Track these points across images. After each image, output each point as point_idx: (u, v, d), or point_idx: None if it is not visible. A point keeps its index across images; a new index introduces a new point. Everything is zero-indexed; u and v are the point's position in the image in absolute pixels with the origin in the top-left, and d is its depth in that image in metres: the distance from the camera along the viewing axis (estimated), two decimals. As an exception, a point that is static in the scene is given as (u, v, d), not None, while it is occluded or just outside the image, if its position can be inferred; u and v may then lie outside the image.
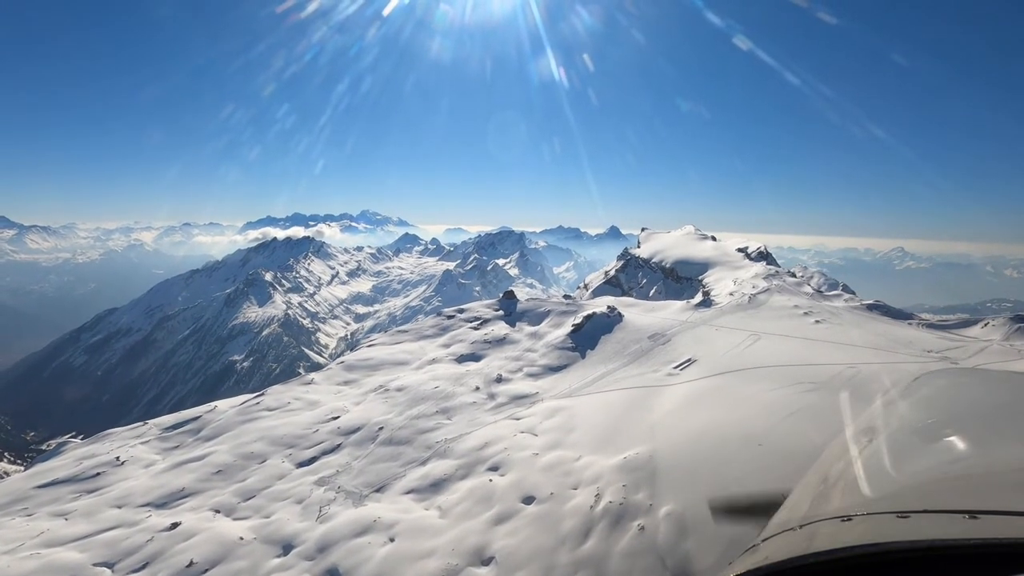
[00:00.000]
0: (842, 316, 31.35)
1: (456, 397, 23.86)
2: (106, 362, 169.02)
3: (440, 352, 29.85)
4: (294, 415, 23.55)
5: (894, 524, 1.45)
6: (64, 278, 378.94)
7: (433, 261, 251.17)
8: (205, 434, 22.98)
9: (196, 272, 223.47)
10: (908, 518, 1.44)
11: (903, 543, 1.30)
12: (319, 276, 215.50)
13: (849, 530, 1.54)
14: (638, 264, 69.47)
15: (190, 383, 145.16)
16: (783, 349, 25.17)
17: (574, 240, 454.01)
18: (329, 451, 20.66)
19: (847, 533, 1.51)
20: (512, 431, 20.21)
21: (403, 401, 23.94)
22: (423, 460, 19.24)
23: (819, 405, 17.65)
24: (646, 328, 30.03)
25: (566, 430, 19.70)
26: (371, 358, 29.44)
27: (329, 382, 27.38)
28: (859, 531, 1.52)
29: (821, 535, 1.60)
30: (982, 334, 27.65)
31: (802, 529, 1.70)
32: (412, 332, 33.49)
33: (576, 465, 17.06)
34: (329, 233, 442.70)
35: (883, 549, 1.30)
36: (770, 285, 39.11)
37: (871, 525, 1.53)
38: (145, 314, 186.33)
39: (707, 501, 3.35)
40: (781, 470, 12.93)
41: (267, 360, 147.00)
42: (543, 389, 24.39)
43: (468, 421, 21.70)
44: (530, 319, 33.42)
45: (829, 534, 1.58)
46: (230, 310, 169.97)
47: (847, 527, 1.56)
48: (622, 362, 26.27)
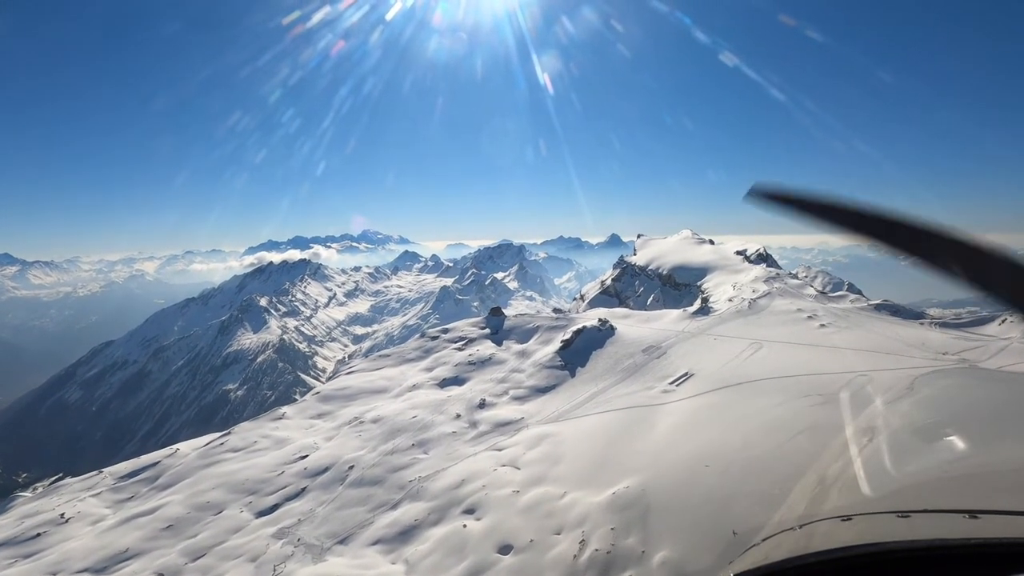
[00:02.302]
0: (849, 318, 29.48)
1: (435, 427, 22.02)
2: (101, 397, 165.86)
3: (422, 377, 28.03)
4: (259, 456, 21.71)
5: (894, 524, 1.46)
6: (65, 312, 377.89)
7: (432, 278, 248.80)
8: (162, 482, 21.13)
9: (192, 300, 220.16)
10: (908, 518, 1.45)
11: (903, 543, 1.32)
12: (316, 299, 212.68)
13: (849, 530, 1.55)
14: (634, 272, 67.77)
15: (184, 415, 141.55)
16: (787, 358, 23.31)
17: (575, 250, 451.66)
18: (293, 496, 18.79)
19: (847, 533, 1.52)
20: (492, 464, 18.35)
21: (378, 434, 22.10)
22: (394, 503, 17.38)
23: (830, 421, 15.72)
24: (640, 341, 28.20)
25: (551, 461, 17.84)
26: (348, 387, 27.63)
27: (302, 416, 25.56)
28: (859, 531, 1.52)
29: (821, 535, 1.61)
30: (1000, 331, 25.74)
31: (802, 529, 1.70)
32: (394, 356, 31.72)
33: (560, 504, 15.19)
34: (326, 255, 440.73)
35: (883, 549, 1.31)
36: (771, 288, 37.31)
37: (871, 525, 1.54)
38: (141, 346, 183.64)
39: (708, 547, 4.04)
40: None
41: (262, 388, 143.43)
42: (529, 414, 22.53)
43: (446, 455, 19.84)
44: (518, 336, 31.63)
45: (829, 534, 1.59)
46: (224, 338, 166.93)
47: (847, 527, 1.57)
48: (614, 379, 24.41)
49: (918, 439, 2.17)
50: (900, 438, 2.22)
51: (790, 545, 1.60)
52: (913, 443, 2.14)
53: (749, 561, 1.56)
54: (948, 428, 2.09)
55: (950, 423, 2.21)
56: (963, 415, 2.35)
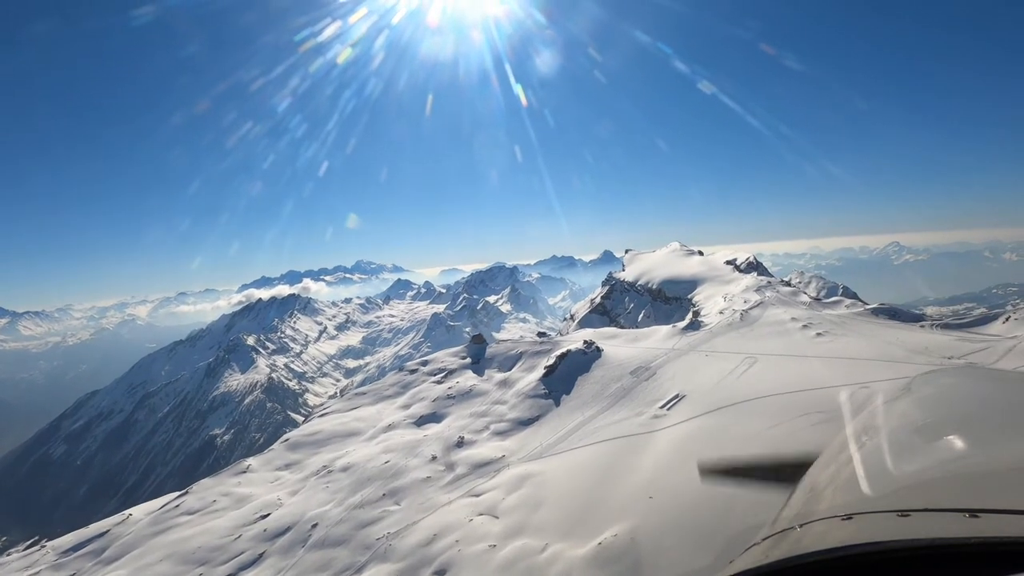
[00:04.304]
0: (845, 325, 28.09)
1: (408, 473, 20.19)
2: (86, 450, 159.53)
3: (398, 415, 26.21)
4: (216, 518, 19.74)
5: (895, 523, 1.46)
6: (54, 363, 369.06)
7: (424, 305, 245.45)
8: (109, 555, 19.08)
9: (179, 343, 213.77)
10: (908, 517, 1.45)
11: (904, 542, 1.31)
12: (306, 333, 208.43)
13: (849, 529, 1.54)
14: (624, 288, 66.41)
15: (170, 465, 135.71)
16: (784, 372, 21.79)
17: (568, 268, 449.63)
18: (249, 564, 16.87)
19: (847, 532, 1.51)
20: (468, 514, 16.56)
21: (347, 485, 20.24)
22: (359, 567, 15.51)
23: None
24: (628, 362, 26.60)
25: (532, 506, 16.09)
26: (319, 432, 25.74)
27: (268, 467, 23.62)
28: (859, 530, 1.51)
29: (821, 534, 1.60)
30: (1005, 330, 24.42)
31: (802, 528, 1.70)
32: (371, 394, 29.91)
33: (540, 559, 13.44)
34: (315, 288, 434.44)
35: (884, 548, 1.30)
36: (763, 298, 35.96)
37: (871, 524, 1.53)
38: (127, 394, 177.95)
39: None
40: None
41: (249, 431, 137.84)
42: (510, 451, 20.77)
43: (418, 505, 18.01)
44: (500, 364, 29.95)
45: (830, 533, 1.57)
46: (211, 381, 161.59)
47: (847, 526, 1.56)
48: (601, 406, 22.74)
49: (918, 438, 2.10)
50: (900, 437, 2.13)
51: (790, 545, 1.59)
52: (913, 442, 2.08)
53: (749, 561, 1.55)
54: (948, 427, 2.06)
55: (950, 422, 2.16)
56: (963, 414, 2.29)
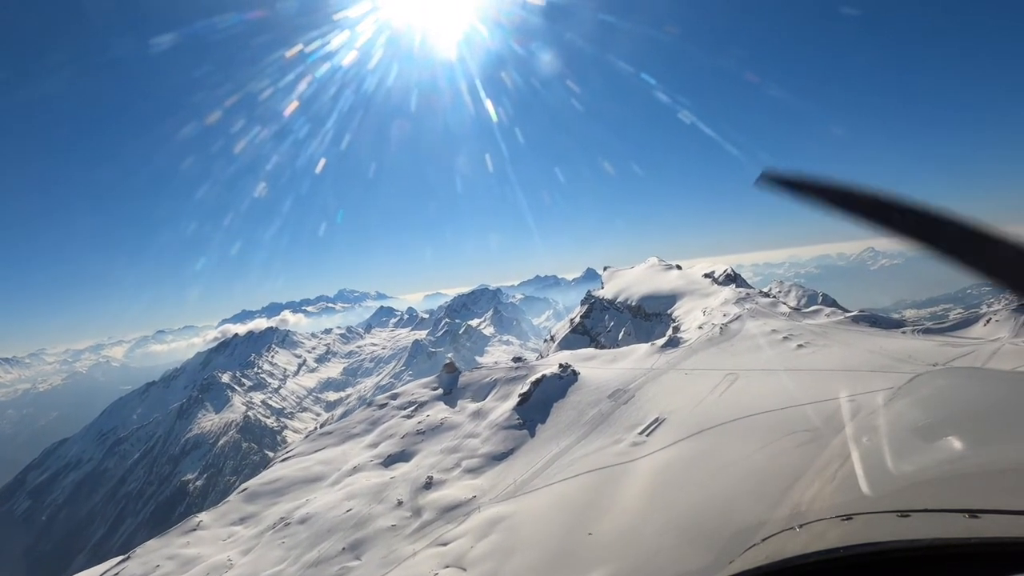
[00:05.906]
0: (827, 335, 27.39)
1: (372, 522, 18.49)
2: (52, 503, 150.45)
3: (365, 456, 24.48)
4: (156, 586, 17.71)
5: (895, 523, 1.45)
6: (23, 411, 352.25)
7: (406, 332, 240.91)
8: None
9: (152, 384, 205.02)
10: (908, 517, 1.44)
11: (904, 542, 1.31)
12: (284, 368, 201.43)
13: (849, 529, 1.53)
14: (603, 306, 65.61)
15: (140, 515, 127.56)
16: (766, 388, 20.81)
17: (552, 288, 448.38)
18: (187, 641, 14.91)
19: (847, 532, 1.51)
20: (434, 566, 14.98)
21: (304, 539, 18.44)
22: (309, 638, 13.72)
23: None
24: (606, 385, 25.38)
25: (503, 554, 14.58)
26: (279, 479, 23.84)
27: (220, 522, 21.63)
28: (859, 530, 1.51)
29: (821, 534, 1.59)
30: (987, 333, 23.93)
31: (802, 529, 1.69)
32: (337, 433, 28.10)
33: (511, 620, 11.91)
34: (294, 320, 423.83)
35: (884, 548, 1.30)
36: (742, 310, 35.28)
37: (871, 524, 1.52)
38: (96, 441, 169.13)
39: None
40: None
41: (224, 474, 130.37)
42: (482, 490, 19.23)
43: (381, 558, 16.33)
44: (474, 393, 28.48)
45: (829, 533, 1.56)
46: (183, 423, 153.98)
47: (847, 526, 1.56)
48: (578, 435, 21.40)
49: (918, 438, 2.11)
50: (900, 437, 2.15)
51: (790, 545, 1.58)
52: (913, 442, 2.08)
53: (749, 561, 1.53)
54: (948, 427, 2.05)
55: (950, 422, 2.15)
56: (963, 414, 2.27)
